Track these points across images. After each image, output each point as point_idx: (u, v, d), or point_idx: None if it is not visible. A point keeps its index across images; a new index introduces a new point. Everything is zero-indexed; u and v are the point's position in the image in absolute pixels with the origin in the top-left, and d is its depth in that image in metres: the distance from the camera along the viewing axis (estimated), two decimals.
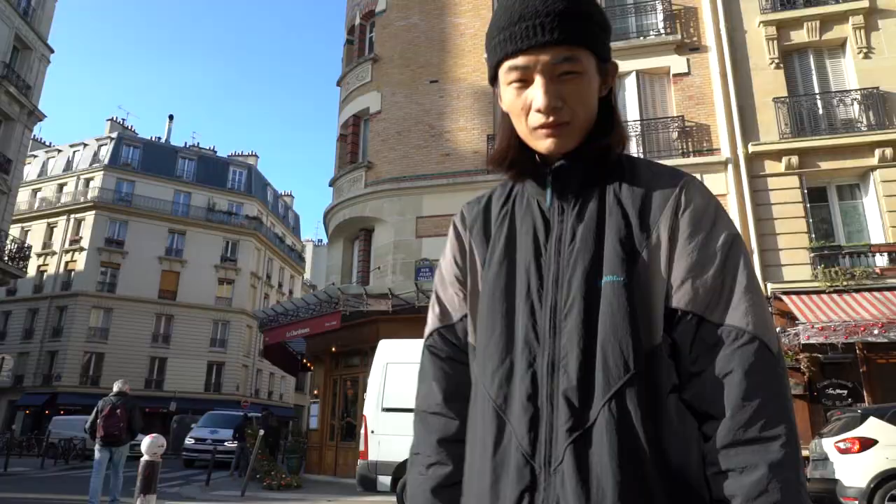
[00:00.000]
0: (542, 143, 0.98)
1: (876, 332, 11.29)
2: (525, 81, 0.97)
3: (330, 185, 18.96)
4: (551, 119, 0.95)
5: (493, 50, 1.02)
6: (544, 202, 1.03)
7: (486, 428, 0.95)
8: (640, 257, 0.92)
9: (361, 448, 9.31)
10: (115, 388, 8.89)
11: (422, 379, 1.13)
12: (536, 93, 0.95)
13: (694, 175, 1.00)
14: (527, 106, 0.97)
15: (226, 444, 20.01)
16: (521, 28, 0.95)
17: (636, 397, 0.86)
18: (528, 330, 0.95)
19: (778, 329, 12.62)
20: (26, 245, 26.41)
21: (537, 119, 0.96)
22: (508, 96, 1.00)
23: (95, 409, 8.59)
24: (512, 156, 1.06)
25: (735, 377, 0.85)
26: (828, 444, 8.66)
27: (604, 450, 0.85)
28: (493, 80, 1.05)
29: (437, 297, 1.15)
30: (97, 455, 8.44)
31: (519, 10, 0.96)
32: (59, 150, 46.70)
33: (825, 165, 13.66)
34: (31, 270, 36.95)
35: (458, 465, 1.02)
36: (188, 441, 22.19)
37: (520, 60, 0.96)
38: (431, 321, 1.14)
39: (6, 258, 23.36)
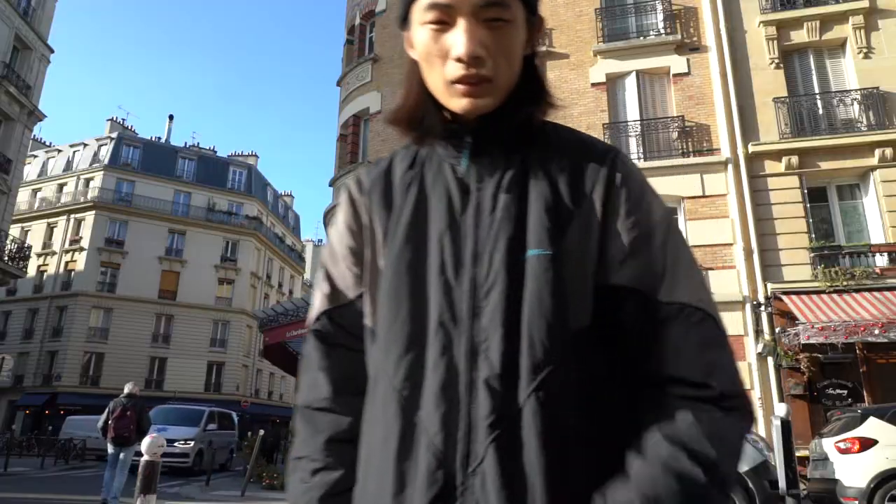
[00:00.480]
0: (458, 101, 0.85)
1: (876, 332, 11.29)
2: (445, 23, 0.84)
3: (330, 185, 18.96)
4: (472, 71, 0.82)
5: None
6: (459, 167, 0.90)
7: (390, 425, 0.80)
8: (569, 229, 0.82)
9: None
10: (126, 390, 9.47)
11: (306, 369, 0.97)
12: (458, 38, 0.82)
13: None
14: (444, 52, 0.84)
15: (177, 444, 16.07)
16: None
17: (567, 384, 0.77)
18: (442, 310, 0.81)
19: (778, 329, 12.63)
20: (26, 245, 26.43)
21: (456, 70, 0.83)
22: (422, 39, 0.87)
23: (107, 410, 9.19)
24: (420, 114, 0.92)
25: (691, 350, 0.78)
26: (828, 444, 8.66)
27: (531, 445, 0.74)
28: (405, 19, 0.91)
29: (327, 274, 0.99)
30: (110, 452, 9.13)
31: None
32: (59, 150, 46.74)
33: (825, 165, 13.66)
34: (31, 270, 36.96)
35: (350, 470, 0.87)
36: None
37: None
38: (319, 302, 0.98)
39: (6, 258, 23.37)
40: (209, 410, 19.03)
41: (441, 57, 0.85)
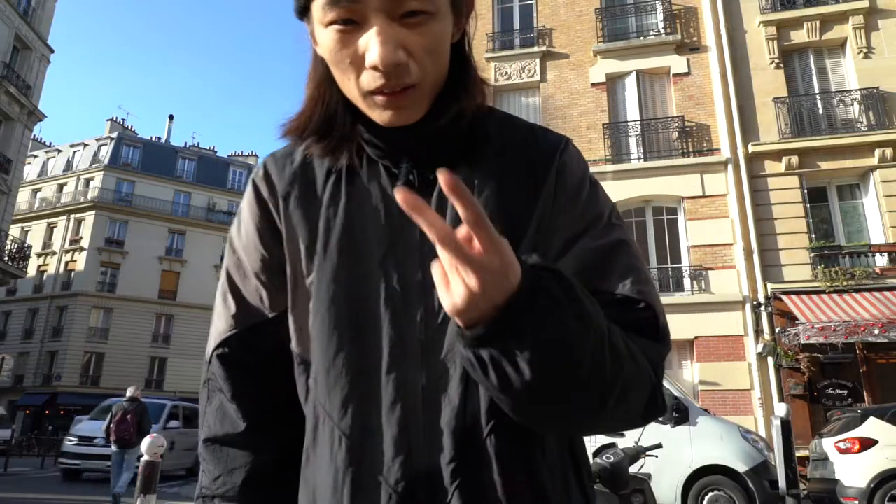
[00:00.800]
0: (380, 115, 0.73)
1: (876, 332, 11.29)
2: (353, 23, 0.69)
3: None
4: (392, 80, 0.69)
5: None
6: (396, 171, 0.78)
7: (340, 474, 0.71)
8: (523, 242, 0.74)
9: None
10: (128, 393, 9.90)
11: (211, 397, 0.84)
12: (371, 42, 0.68)
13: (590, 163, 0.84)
14: (356, 58, 0.70)
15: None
16: None
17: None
18: (393, 343, 0.72)
19: (778, 329, 12.63)
20: (26, 245, 26.44)
21: (372, 80, 0.69)
22: (327, 42, 0.71)
23: (110, 414, 9.65)
24: (332, 123, 0.79)
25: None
26: (828, 444, 8.66)
27: (497, 483, 0.68)
28: (304, 11, 0.74)
29: (232, 287, 0.84)
30: (113, 455, 9.65)
31: None
32: (59, 150, 46.73)
33: (825, 165, 13.66)
34: (31, 270, 36.96)
35: None
36: (67, 443, 14.72)
37: None
38: (225, 322, 0.84)
39: (6, 258, 23.37)
40: (171, 405, 16.85)
41: (354, 64, 0.70)
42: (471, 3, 0.79)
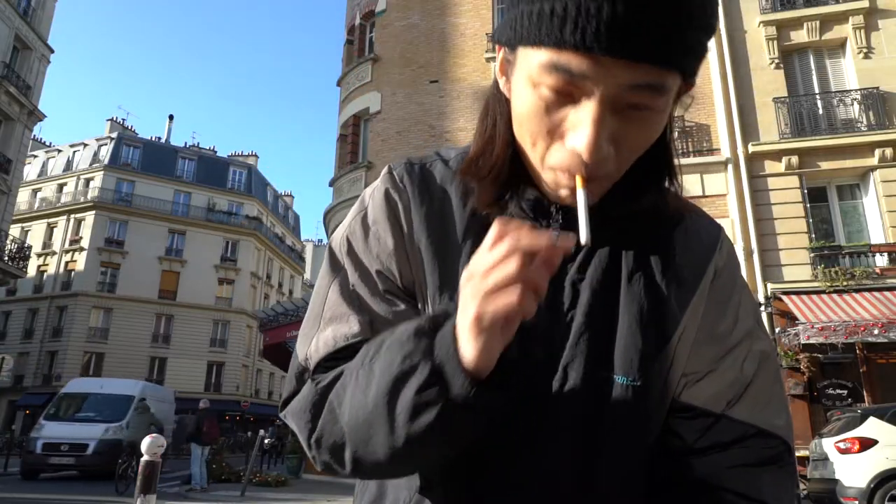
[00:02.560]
0: (558, 192, 0.67)
1: (876, 332, 11.30)
2: (569, 96, 0.60)
3: (330, 185, 18.96)
4: (589, 171, 0.61)
5: (527, 20, 0.59)
6: None
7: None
8: (663, 353, 0.70)
9: None
10: (201, 405, 13.29)
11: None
12: (583, 127, 0.59)
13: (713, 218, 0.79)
14: (556, 130, 0.62)
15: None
16: (598, 12, 0.55)
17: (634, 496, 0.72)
18: None
19: (778, 329, 12.63)
20: (26, 245, 26.44)
21: (566, 159, 0.62)
22: (530, 102, 0.63)
23: (196, 419, 12.72)
24: (501, 175, 0.71)
25: (761, 479, 0.71)
26: (828, 444, 8.66)
27: None
28: (511, 46, 0.65)
29: (360, 299, 0.73)
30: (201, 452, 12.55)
31: None
32: (59, 150, 46.75)
33: (825, 165, 13.66)
34: (31, 270, 36.96)
35: None
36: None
37: (576, 64, 0.57)
38: (356, 329, 0.71)
39: (6, 258, 23.37)
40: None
41: (550, 134, 0.63)
42: (689, 90, 0.68)
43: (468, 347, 0.56)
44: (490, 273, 0.53)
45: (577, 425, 0.68)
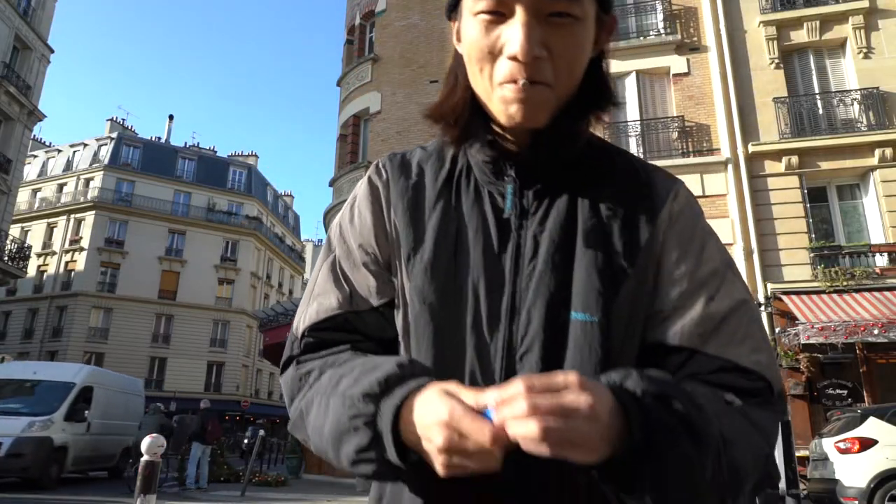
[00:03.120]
0: (507, 109, 0.73)
1: (876, 332, 11.29)
2: (500, 14, 0.71)
3: (330, 185, 18.96)
4: (527, 73, 0.70)
5: None
6: (499, 198, 0.80)
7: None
8: (622, 289, 0.74)
9: None
10: (202, 405, 13.56)
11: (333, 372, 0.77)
12: (514, 32, 0.70)
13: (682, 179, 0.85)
14: (497, 48, 0.72)
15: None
16: None
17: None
18: (473, 370, 0.73)
19: (778, 329, 12.63)
20: (26, 245, 26.44)
21: (508, 70, 0.71)
22: (472, 32, 0.74)
23: (199, 419, 13.13)
24: (463, 117, 0.80)
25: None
26: (828, 444, 8.66)
27: None
28: (453, 8, 0.79)
29: (343, 273, 0.84)
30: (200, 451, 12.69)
31: None
32: (59, 150, 46.75)
33: (825, 165, 13.66)
34: (31, 270, 36.96)
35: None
36: None
37: None
38: (334, 300, 0.82)
39: (6, 258, 23.37)
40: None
41: (492, 53, 0.72)
42: (613, 24, 0.80)
43: (410, 432, 0.62)
44: (461, 438, 0.57)
45: (542, 364, 0.71)
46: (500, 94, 0.73)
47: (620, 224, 0.77)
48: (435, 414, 0.59)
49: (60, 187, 44.21)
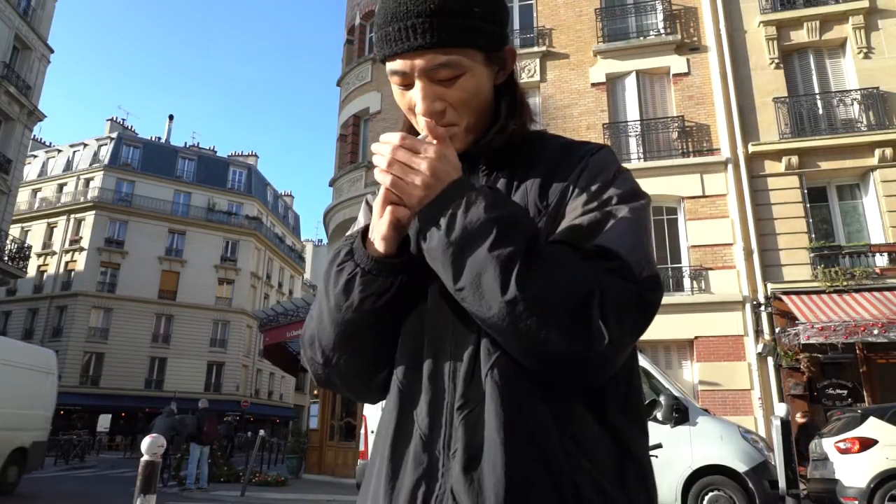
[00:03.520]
0: None
1: (876, 332, 11.29)
2: (407, 85, 0.91)
3: (330, 185, 18.96)
4: (434, 123, 0.87)
5: (375, 45, 0.95)
6: None
7: (389, 413, 0.88)
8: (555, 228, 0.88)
9: (361, 448, 9.33)
10: (200, 405, 13.35)
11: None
12: (416, 98, 0.90)
13: (608, 146, 0.96)
14: (411, 108, 0.92)
15: None
16: (393, 30, 0.88)
17: (520, 368, 0.79)
18: (434, 310, 0.89)
19: (778, 329, 12.63)
20: (26, 245, 26.42)
21: (423, 122, 0.89)
22: (396, 95, 0.95)
23: (196, 419, 12.96)
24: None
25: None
26: (828, 444, 8.67)
27: (491, 422, 0.77)
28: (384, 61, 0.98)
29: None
30: (199, 452, 12.80)
31: (392, 9, 0.88)
32: (59, 150, 46.73)
33: (825, 165, 13.66)
34: (31, 270, 36.95)
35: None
36: None
37: (397, 65, 0.90)
38: (361, 223, 1.03)
39: (6, 258, 23.36)
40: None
41: (411, 109, 0.92)
42: (511, 54, 0.96)
43: (377, 240, 0.86)
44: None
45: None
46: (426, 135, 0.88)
47: (539, 185, 0.90)
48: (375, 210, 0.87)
49: (60, 187, 44.19)
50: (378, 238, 0.85)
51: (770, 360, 12.64)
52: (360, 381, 0.95)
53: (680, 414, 7.61)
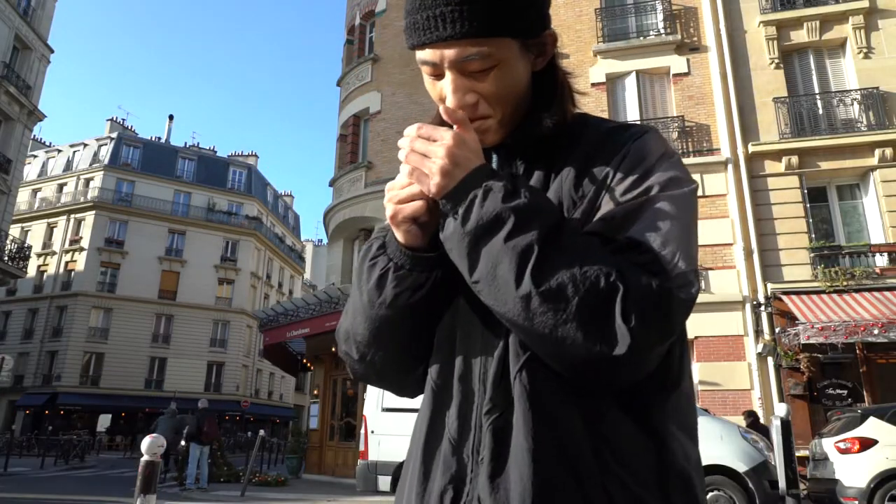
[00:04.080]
0: None
1: (876, 332, 11.29)
2: (437, 75, 0.87)
3: (330, 185, 18.96)
4: (461, 118, 0.83)
5: (404, 32, 0.90)
6: None
7: (423, 415, 0.87)
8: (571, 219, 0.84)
9: (361, 448, 9.32)
10: (199, 405, 13.24)
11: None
12: (447, 90, 0.85)
13: (654, 129, 0.89)
14: (442, 98, 0.87)
15: None
16: (422, 18, 0.83)
17: (550, 371, 0.75)
18: (465, 309, 0.86)
19: (778, 329, 12.62)
20: (26, 245, 26.43)
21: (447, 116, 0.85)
22: (427, 84, 0.90)
23: (195, 419, 12.89)
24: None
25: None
26: (828, 444, 8.66)
27: (519, 427, 0.74)
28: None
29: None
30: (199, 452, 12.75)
31: None
32: (59, 150, 46.73)
33: (825, 165, 13.66)
34: (31, 270, 36.95)
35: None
36: None
37: (426, 55, 0.85)
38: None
39: (6, 258, 23.36)
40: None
41: (441, 101, 0.87)
42: (551, 39, 0.90)
43: (399, 234, 0.84)
44: (392, 188, 0.84)
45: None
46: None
47: (577, 173, 0.85)
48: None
49: (60, 187, 44.19)
50: (403, 231, 0.83)
51: (770, 360, 12.64)
52: (397, 376, 0.94)
53: None
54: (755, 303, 13.04)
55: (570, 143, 0.89)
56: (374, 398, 9.44)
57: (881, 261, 12.92)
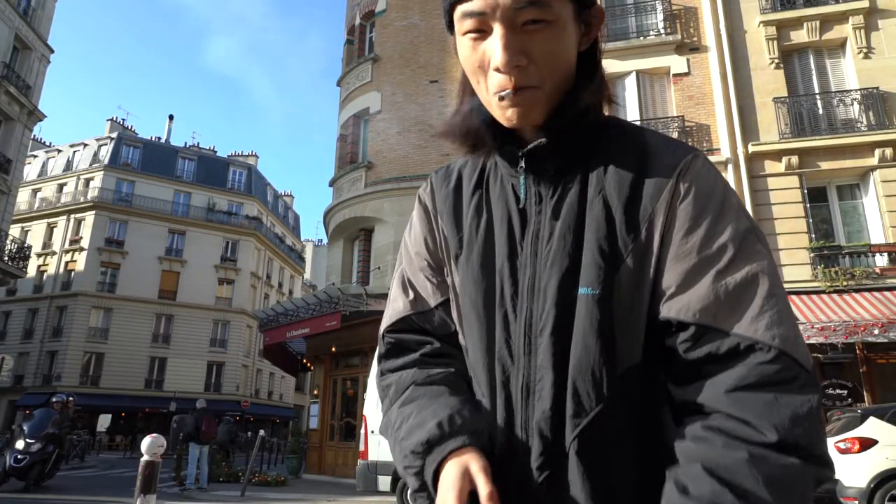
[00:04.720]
0: (504, 114, 0.80)
1: (876, 332, 11.29)
2: (482, 31, 0.78)
3: (330, 185, 18.96)
4: (513, 81, 0.76)
5: None
6: (519, 187, 0.86)
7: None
8: (623, 264, 0.77)
9: (361, 448, 9.32)
10: (198, 405, 13.28)
11: (387, 377, 0.95)
12: (495, 46, 0.76)
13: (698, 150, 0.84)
14: (485, 63, 0.79)
15: None
16: None
17: (610, 427, 0.75)
18: (501, 345, 0.82)
19: None
20: (26, 245, 26.42)
21: (497, 80, 0.78)
22: (463, 51, 0.81)
23: (194, 419, 12.76)
24: (471, 127, 0.88)
25: (752, 395, 0.68)
26: (828, 444, 8.65)
27: (577, 487, 0.75)
28: (450, 25, 0.84)
29: (407, 281, 0.97)
30: (198, 451, 12.67)
31: None
32: (59, 150, 46.74)
33: (825, 165, 13.66)
34: (31, 270, 36.96)
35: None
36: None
37: (474, 4, 0.76)
38: (402, 305, 0.97)
39: (6, 258, 23.36)
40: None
41: (483, 68, 0.80)
42: (599, 15, 0.83)
43: None
44: None
45: (553, 339, 0.78)
46: (495, 101, 0.80)
47: (625, 202, 0.79)
48: (442, 498, 0.73)
49: (60, 187, 44.20)
50: None
51: None
52: None
53: None
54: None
55: (604, 152, 0.84)
56: (374, 398, 9.44)
57: (881, 261, 12.92)
